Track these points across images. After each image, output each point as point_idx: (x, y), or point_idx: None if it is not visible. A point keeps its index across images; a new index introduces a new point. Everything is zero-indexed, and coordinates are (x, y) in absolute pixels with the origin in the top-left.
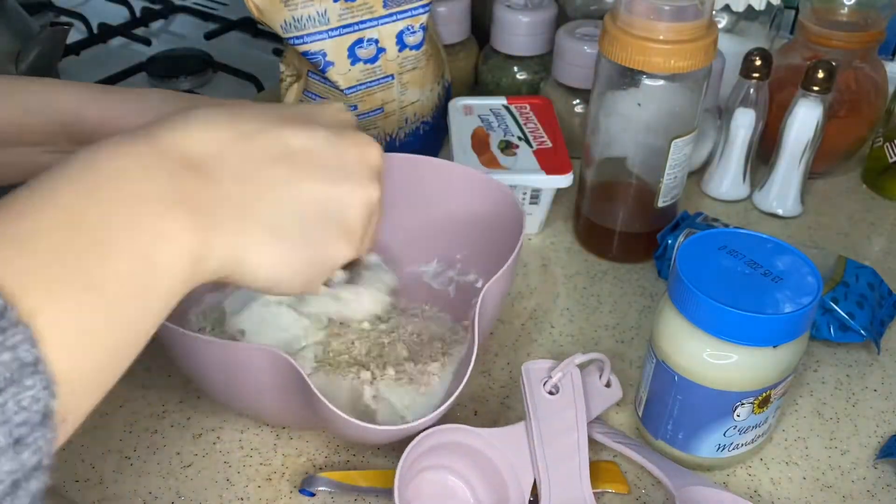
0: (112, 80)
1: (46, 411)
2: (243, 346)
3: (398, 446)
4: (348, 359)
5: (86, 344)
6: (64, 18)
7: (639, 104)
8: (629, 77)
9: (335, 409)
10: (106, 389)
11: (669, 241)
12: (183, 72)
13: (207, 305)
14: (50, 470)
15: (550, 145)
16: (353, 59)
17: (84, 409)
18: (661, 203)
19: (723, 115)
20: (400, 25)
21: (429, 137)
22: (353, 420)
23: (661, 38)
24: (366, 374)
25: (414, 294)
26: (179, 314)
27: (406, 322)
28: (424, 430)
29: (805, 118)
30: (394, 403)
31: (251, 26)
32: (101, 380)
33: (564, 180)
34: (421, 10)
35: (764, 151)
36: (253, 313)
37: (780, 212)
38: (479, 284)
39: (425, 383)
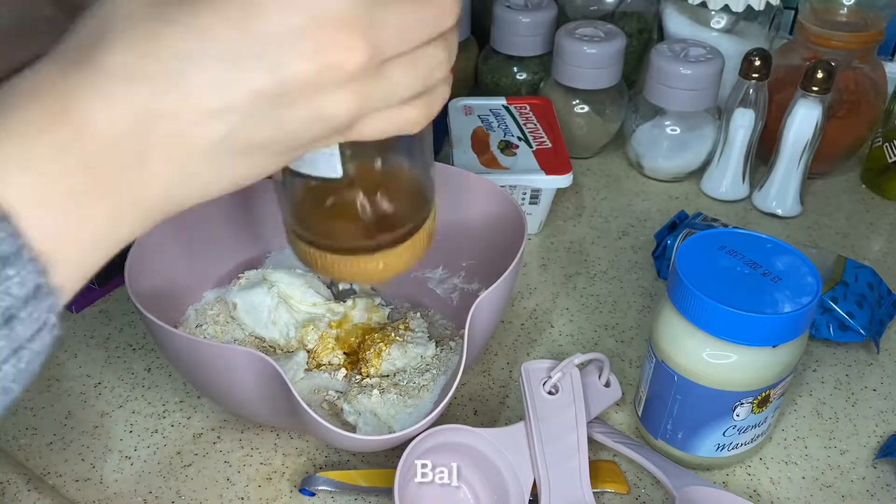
0: None
1: (37, 287)
2: (229, 347)
3: (398, 447)
4: (337, 366)
5: (71, 214)
6: None
7: None
8: None
9: (317, 416)
10: (110, 246)
11: (669, 242)
12: None
13: (206, 301)
14: (56, 327)
15: (550, 145)
16: None
17: (86, 270)
18: None
19: (722, 115)
20: None
21: None
22: (334, 429)
23: None
24: (350, 384)
25: (418, 299)
26: (178, 310)
27: (396, 329)
28: (410, 440)
29: (804, 118)
30: (379, 414)
31: None
32: (99, 241)
33: (564, 180)
34: None
35: (763, 151)
36: (252, 294)
37: (779, 212)
38: (482, 294)
39: (413, 394)
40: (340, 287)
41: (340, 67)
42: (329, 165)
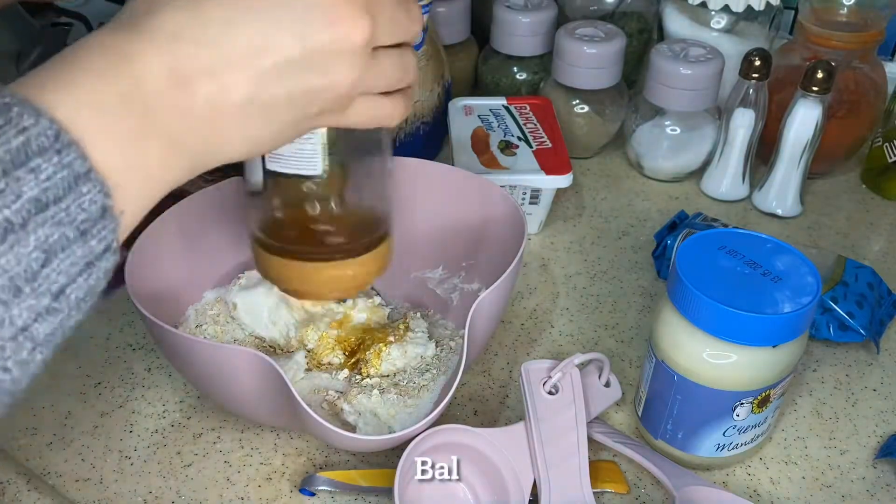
0: None
1: (104, 207)
2: (229, 347)
3: (398, 447)
4: (337, 366)
5: (131, 148)
6: (64, 19)
7: None
8: None
9: (317, 416)
10: (160, 185)
11: (668, 242)
12: None
13: (206, 301)
14: (116, 252)
15: (550, 145)
16: None
17: (140, 204)
18: None
19: (722, 115)
20: None
21: (429, 138)
22: (334, 429)
23: None
24: (349, 384)
25: (418, 299)
26: (178, 310)
27: (396, 329)
28: (410, 440)
29: (804, 118)
30: (379, 414)
31: None
32: (152, 176)
33: (564, 180)
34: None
35: (763, 151)
36: (252, 294)
37: (779, 212)
38: (482, 294)
39: (413, 394)
40: None
41: (348, 38)
42: (311, 163)
